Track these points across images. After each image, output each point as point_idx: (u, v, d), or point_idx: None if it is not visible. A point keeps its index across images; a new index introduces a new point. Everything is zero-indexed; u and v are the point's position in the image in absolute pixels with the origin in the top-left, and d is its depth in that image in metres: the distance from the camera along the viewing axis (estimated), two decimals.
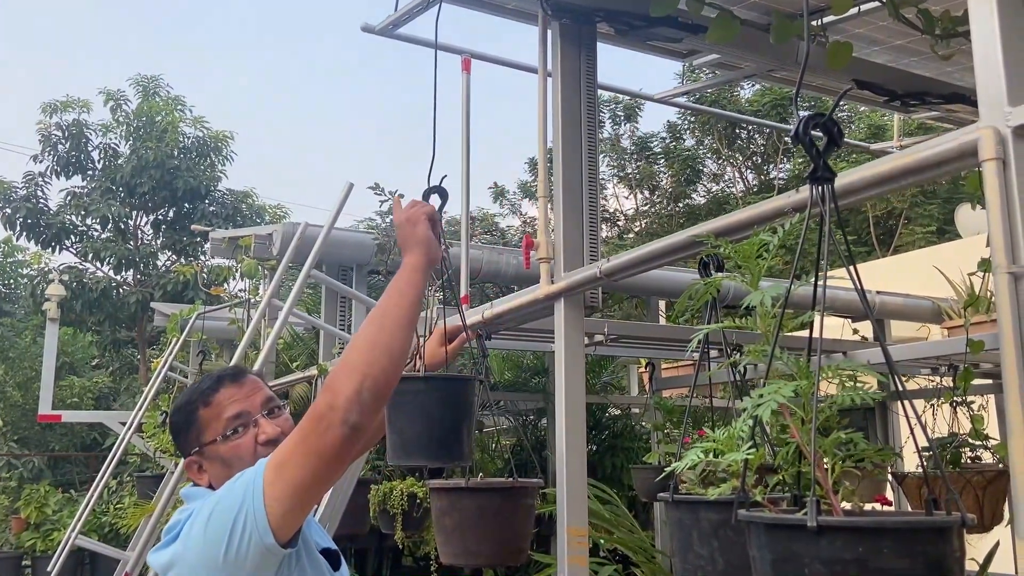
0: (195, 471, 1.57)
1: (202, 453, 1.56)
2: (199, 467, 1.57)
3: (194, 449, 1.56)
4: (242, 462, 1.51)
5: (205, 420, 1.56)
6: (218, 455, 1.54)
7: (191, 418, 1.57)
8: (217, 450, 1.54)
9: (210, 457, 1.55)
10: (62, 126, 13.49)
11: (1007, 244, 1.31)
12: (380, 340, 1.43)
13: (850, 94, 3.42)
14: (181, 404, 1.61)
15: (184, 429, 1.58)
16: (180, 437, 1.59)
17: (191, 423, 1.57)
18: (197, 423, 1.56)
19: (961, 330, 4.21)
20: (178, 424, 1.60)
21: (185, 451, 1.58)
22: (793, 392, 1.11)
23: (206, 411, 1.57)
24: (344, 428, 1.31)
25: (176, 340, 6.10)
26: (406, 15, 2.96)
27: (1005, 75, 1.36)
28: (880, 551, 0.98)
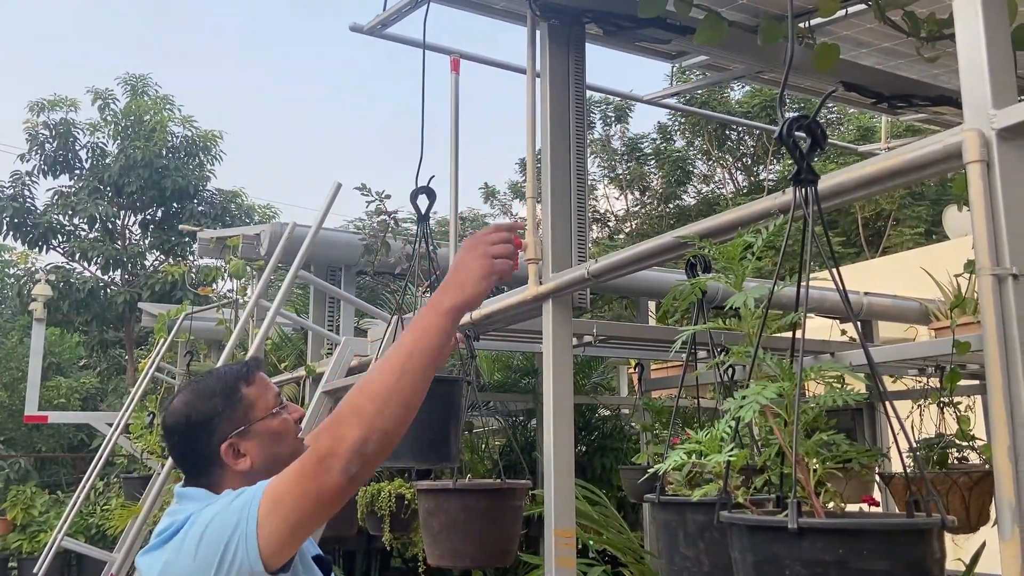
0: (232, 456, 1.50)
1: (247, 432, 1.51)
2: (237, 451, 1.51)
3: (237, 430, 1.50)
4: (289, 437, 1.53)
5: (253, 396, 1.53)
6: (269, 430, 1.52)
7: (233, 398, 1.52)
8: (269, 425, 1.52)
9: (258, 434, 1.52)
10: (49, 125, 13.41)
11: (991, 246, 1.31)
12: (398, 389, 1.35)
13: (838, 96, 3.43)
14: (212, 390, 1.54)
15: (221, 412, 1.51)
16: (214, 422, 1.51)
17: (234, 403, 1.52)
18: (243, 401, 1.52)
19: (948, 331, 4.23)
20: (211, 409, 1.51)
21: (221, 437, 1.50)
22: (776, 393, 1.11)
23: (251, 388, 1.54)
24: (343, 477, 1.29)
25: (164, 340, 6.07)
26: (395, 15, 2.95)
27: (989, 78, 1.37)
28: (861, 553, 0.99)
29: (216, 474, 1.51)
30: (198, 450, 1.52)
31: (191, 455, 1.54)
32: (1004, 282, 1.31)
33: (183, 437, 1.54)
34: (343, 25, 3.22)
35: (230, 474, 1.51)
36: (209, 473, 1.52)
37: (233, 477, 1.50)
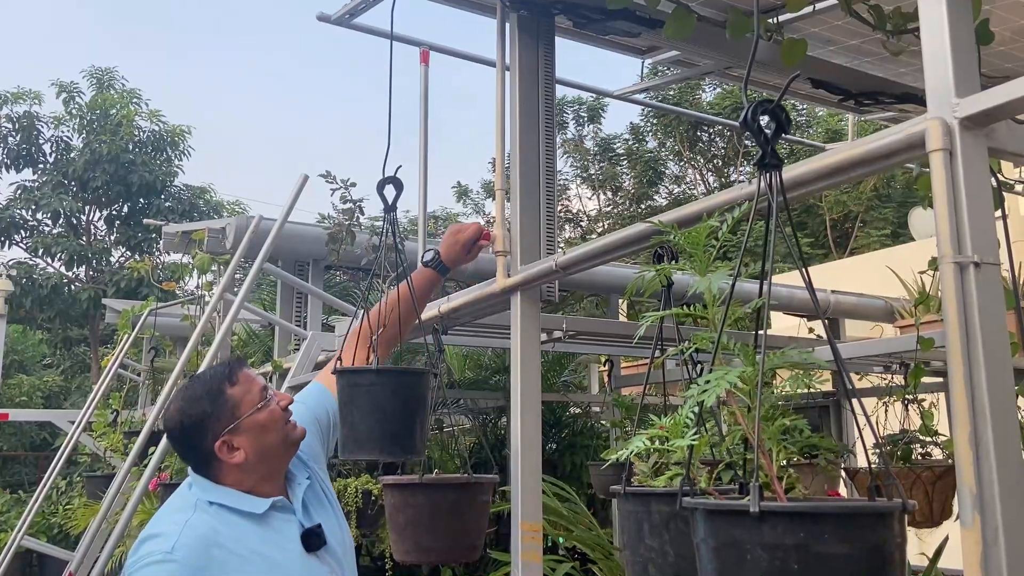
0: (226, 451, 1.65)
1: (237, 429, 1.65)
2: (230, 446, 1.65)
3: (227, 428, 1.64)
4: (277, 427, 1.69)
5: (238, 395, 1.68)
6: (257, 424, 1.67)
7: (219, 399, 1.67)
8: (256, 419, 1.67)
9: (246, 429, 1.66)
10: (12, 118, 13.16)
11: (953, 234, 1.32)
12: None
13: (805, 93, 3.46)
14: (199, 394, 1.68)
15: (210, 414, 1.65)
16: (206, 423, 1.65)
17: (220, 404, 1.66)
18: (229, 401, 1.67)
19: (913, 329, 4.28)
20: (201, 412, 1.66)
21: (215, 435, 1.65)
22: (739, 378, 1.10)
23: (235, 388, 1.68)
24: None
25: (127, 337, 5.97)
26: (363, 4, 2.92)
27: (952, 67, 1.37)
28: (821, 536, 0.98)
29: (216, 467, 1.67)
30: (196, 450, 1.68)
31: (191, 454, 1.70)
32: (966, 270, 1.31)
33: (180, 440, 1.71)
34: (311, 16, 3.18)
35: (227, 467, 1.67)
36: (209, 468, 1.68)
37: (231, 469, 1.67)
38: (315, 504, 1.78)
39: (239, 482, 1.67)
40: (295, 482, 1.77)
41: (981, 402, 1.29)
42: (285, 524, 1.69)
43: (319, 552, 1.69)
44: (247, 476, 1.67)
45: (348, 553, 1.81)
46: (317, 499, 1.80)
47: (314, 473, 1.85)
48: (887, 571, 1.00)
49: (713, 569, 1.04)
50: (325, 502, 1.82)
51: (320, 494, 1.83)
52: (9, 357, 10.81)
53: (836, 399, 5.47)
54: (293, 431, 1.74)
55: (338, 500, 1.96)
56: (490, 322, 3.46)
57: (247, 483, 1.67)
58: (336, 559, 1.74)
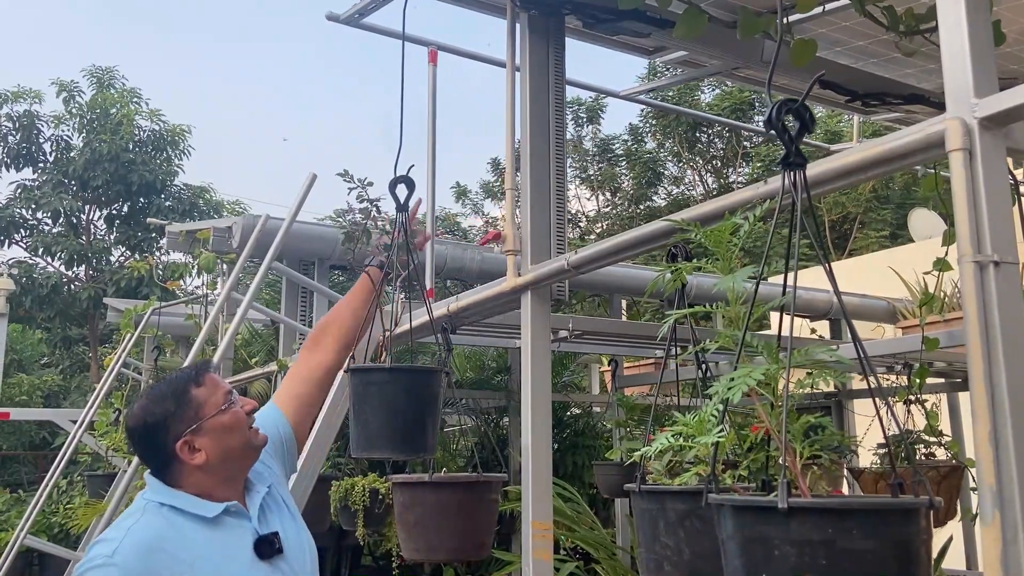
0: (187, 452, 1.64)
1: (199, 430, 1.64)
2: (191, 447, 1.65)
3: (189, 428, 1.64)
4: (240, 430, 1.69)
5: (203, 396, 1.68)
6: (220, 426, 1.66)
7: (183, 399, 1.67)
8: (220, 421, 1.66)
9: (209, 431, 1.65)
10: (12, 117, 13.14)
11: (972, 233, 1.33)
12: None
13: (812, 94, 3.47)
14: (164, 394, 1.69)
15: (173, 414, 1.65)
16: (168, 423, 1.65)
17: (184, 404, 1.66)
18: (193, 402, 1.66)
19: (915, 330, 4.29)
20: (164, 412, 1.66)
21: (177, 435, 1.64)
22: (763, 376, 1.10)
23: (200, 389, 1.68)
24: None
25: (130, 336, 5.96)
26: (372, 4, 2.93)
27: (972, 67, 1.38)
28: (849, 532, 0.99)
29: (175, 469, 1.66)
30: (157, 449, 1.67)
31: (151, 454, 1.69)
32: (986, 269, 1.32)
33: (141, 438, 1.69)
34: (320, 16, 3.18)
35: (187, 469, 1.65)
36: (169, 469, 1.66)
37: (191, 471, 1.65)
38: (274, 511, 1.76)
39: (196, 485, 1.65)
40: (254, 490, 1.75)
41: (1001, 400, 1.30)
42: (238, 530, 1.66)
43: (273, 560, 1.66)
44: (206, 478, 1.66)
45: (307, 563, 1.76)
46: (277, 507, 1.78)
47: (275, 485, 1.81)
48: (914, 567, 1.01)
49: (740, 566, 1.04)
50: (285, 511, 1.79)
51: (280, 503, 1.80)
52: (8, 356, 10.78)
53: (839, 399, 5.49)
54: (255, 436, 1.73)
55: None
56: (493, 321, 3.46)
57: (205, 486, 1.66)
58: (292, 569, 1.70)
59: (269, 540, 1.67)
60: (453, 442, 6.57)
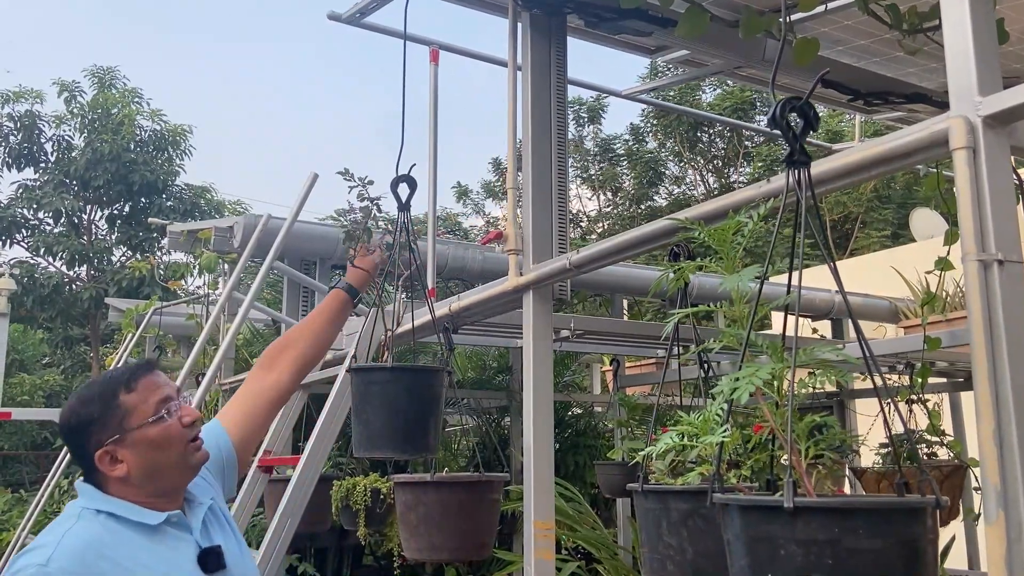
0: (107, 463, 1.51)
1: (123, 440, 1.51)
2: (113, 458, 1.51)
3: (113, 438, 1.51)
4: (172, 445, 1.53)
5: (131, 404, 1.52)
6: (146, 439, 1.51)
7: (110, 405, 1.52)
8: (146, 433, 1.51)
9: (134, 443, 1.51)
10: (14, 117, 13.14)
11: (976, 232, 1.32)
12: None
13: (814, 93, 3.46)
14: (94, 394, 1.55)
15: (98, 419, 1.52)
16: (91, 428, 1.52)
17: (110, 410, 1.52)
18: (119, 408, 1.52)
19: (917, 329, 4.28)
20: (88, 416, 1.53)
21: (98, 443, 1.51)
22: (769, 375, 1.10)
23: (130, 396, 1.53)
24: None
25: (131, 336, 5.97)
26: (374, 3, 2.92)
27: (975, 65, 1.38)
28: (855, 532, 0.98)
29: (98, 477, 1.53)
30: (79, 453, 1.54)
31: (77, 457, 1.56)
32: (990, 268, 1.32)
33: (67, 440, 1.57)
34: (321, 16, 3.18)
35: (110, 480, 1.52)
36: (93, 475, 1.54)
37: (113, 482, 1.52)
38: (216, 528, 1.64)
39: (124, 495, 1.53)
40: (195, 502, 1.63)
41: (1005, 398, 1.30)
42: (180, 542, 1.54)
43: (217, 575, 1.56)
44: (131, 492, 1.53)
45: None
46: (218, 522, 1.66)
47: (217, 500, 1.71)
48: (920, 566, 1.00)
49: (745, 565, 1.04)
50: (227, 527, 1.68)
51: (222, 519, 1.68)
52: (10, 356, 10.79)
53: (840, 398, 5.48)
54: (193, 453, 1.57)
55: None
56: (494, 321, 3.46)
57: (133, 498, 1.53)
58: None
59: (215, 552, 1.57)
60: (454, 442, 6.56)
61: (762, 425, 1.39)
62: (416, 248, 2.49)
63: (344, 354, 3.44)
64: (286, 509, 3.15)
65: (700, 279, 5.36)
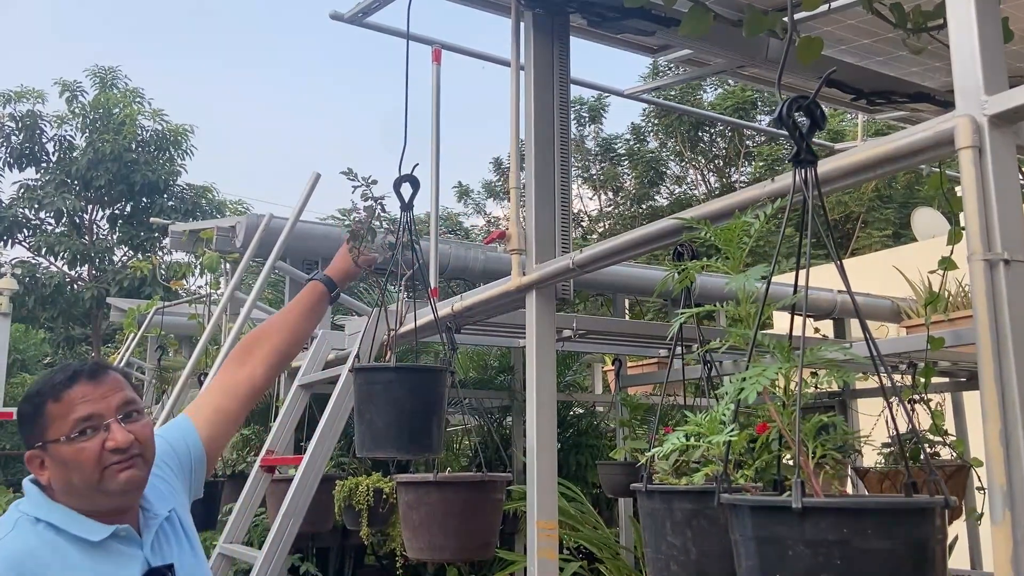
0: (37, 466, 1.45)
1: (45, 449, 1.43)
2: (41, 463, 1.44)
3: (38, 444, 1.43)
4: (82, 468, 1.41)
5: (52, 416, 1.43)
6: (60, 456, 1.41)
7: (39, 410, 1.44)
8: (60, 451, 1.41)
9: (52, 456, 1.42)
10: (15, 117, 13.15)
11: (982, 231, 1.32)
12: None
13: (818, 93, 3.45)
14: (31, 393, 1.47)
15: (30, 420, 1.45)
16: (26, 427, 1.46)
17: (38, 415, 1.44)
18: (44, 417, 1.43)
19: (919, 329, 4.27)
20: (26, 414, 1.46)
21: (29, 443, 1.45)
22: (777, 375, 1.10)
23: (55, 406, 1.43)
24: None
25: (133, 335, 5.97)
26: (376, 3, 2.92)
27: (981, 64, 1.37)
28: (864, 532, 0.98)
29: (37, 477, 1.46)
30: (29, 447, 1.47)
31: None
32: (995, 267, 1.32)
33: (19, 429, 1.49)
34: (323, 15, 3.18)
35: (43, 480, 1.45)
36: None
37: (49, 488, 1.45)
38: (172, 541, 1.55)
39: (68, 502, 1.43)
40: (151, 512, 1.53)
41: (1011, 398, 1.29)
42: (126, 558, 1.44)
43: None
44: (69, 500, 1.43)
45: None
46: (176, 536, 1.57)
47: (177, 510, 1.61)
48: (929, 567, 1.00)
49: (753, 566, 1.04)
50: (184, 541, 1.58)
51: (180, 531, 1.59)
52: (12, 356, 10.78)
53: (843, 398, 5.47)
54: (112, 479, 1.42)
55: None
56: (497, 320, 3.46)
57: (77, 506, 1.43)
58: None
59: (163, 571, 1.47)
60: (457, 442, 6.56)
61: (767, 425, 1.39)
62: (419, 248, 2.49)
63: (347, 354, 3.44)
64: (288, 509, 3.15)
65: (702, 278, 5.36)
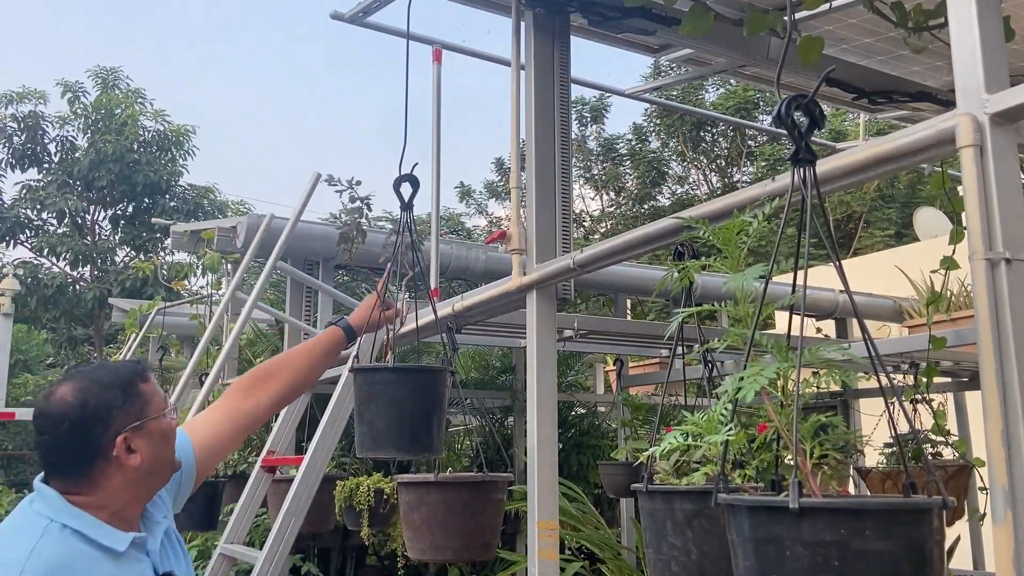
0: (124, 451, 1.43)
1: (142, 428, 1.44)
2: (129, 447, 1.43)
3: (132, 424, 1.43)
4: (171, 441, 1.50)
5: (149, 393, 1.48)
6: (159, 431, 1.47)
7: (132, 391, 1.45)
8: (160, 425, 1.48)
9: (150, 433, 1.45)
10: (17, 117, 13.18)
11: (984, 230, 1.31)
12: None
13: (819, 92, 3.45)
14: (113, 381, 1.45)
15: (123, 404, 1.44)
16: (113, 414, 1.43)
17: (133, 397, 1.45)
18: (141, 396, 1.46)
19: (921, 329, 4.26)
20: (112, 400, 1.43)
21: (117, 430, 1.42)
22: (775, 375, 1.09)
23: (147, 386, 1.49)
24: None
25: (135, 336, 5.98)
26: (376, 3, 2.92)
27: (982, 62, 1.37)
28: (862, 533, 0.98)
29: (99, 469, 1.42)
30: (89, 441, 1.42)
31: (78, 447, 1.42)
32: (997, 266, 1.31)
33: (74, 426, 1.41)
34: (324, 15, 3.18)
35: (115, 469, 1.43)
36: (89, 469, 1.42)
37: (118, 473, 1.43)
38: (169, 550, 1.57)
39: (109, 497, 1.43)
40: (153, 520, 1.54)
41: (1013, 399, 1.29)
42: (142, 565, 1.46)
43: None
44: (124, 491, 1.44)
45: None
46: (171, 544, 1.59)
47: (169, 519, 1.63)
48: (927, 568, 0.99)
49: (751, 567, 1.03)
50: (178, 549, 1.60)
51: (175, 540, 1.61)
52: (14, 356, 10.80)
53: (844, 398, 5.46)
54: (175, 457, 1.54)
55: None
56: (498, 320, 3.46)
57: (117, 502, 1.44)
58: None
59: None
60: (458, 442, 6.56)
61: (767, 424, 1.38)
62: (419, 248, 2.48)
63: (347, 354, 3.44)
64: (289, 509, 3.15)
65: (704, 278, 5.35)
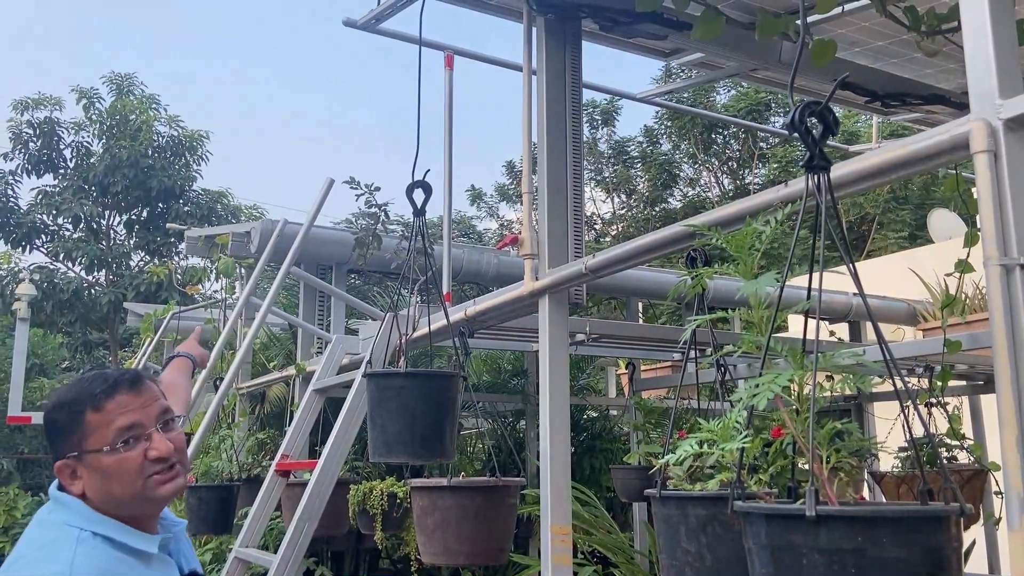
0: (67, 476, 1.38)
1: (81, 459, 1.37)
2: (72, 472, 1.38)
3: (72, 453, 1.37)
4: (125, 478, 1.36)
5: (92, 426, 1.37)
6: (100, 466, 1.36)
7: (76, 420, 1.38)
8: (100, 460, 1.36)
9: (90, 466, 1.37)
10: (33, 123, 13.29)
11: (998, 236, 1.31)
12: None
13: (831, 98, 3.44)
14: (66, 401, 1.41)
15: (65, 430, 1.39)
16: (59, 436, 1.40)
17: (75, 425, 1.38)
18: (82, 427, 1.37)
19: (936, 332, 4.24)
20: (58, 422, 1.40)
21: (61, 452, 1.39)
22: (789, 382, 1.09)
23: (95, 415, 1.37)
24: None
25: (150, 340, 6.01)
26: (389, 9, 2.93)
27: (996, 68, 1.36)
28: (879, 540, 0.97)
29: None
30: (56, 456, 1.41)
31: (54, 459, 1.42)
32: (1012, 272, 1.31)
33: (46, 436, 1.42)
34: (337, 22, 3.19)
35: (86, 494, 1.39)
36: None
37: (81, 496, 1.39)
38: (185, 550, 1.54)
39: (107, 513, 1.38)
40: (168, 520, 1.50)
41: None
42: (170, 567, 1.43)
43: None
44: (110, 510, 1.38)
45: None
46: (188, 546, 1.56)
47: None
48: (945, 574, 0.99)
49: (768, 574, 1.03)
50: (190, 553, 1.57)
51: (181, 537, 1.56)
52: (30, 361, 10.89)
53: (859, 402, 5.44)
54: (155, 488, 1.38)
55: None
56: (510, 324, 3.46)
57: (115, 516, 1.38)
58: None
59: None
60: (470, 445, 6.56)
61: (781, 429, 1.38)
62: (432, 253, 2.49)
63: (360, 358, 3.45)
64: (303, 513, 3.16)
65: (717, 281, 5.34)
